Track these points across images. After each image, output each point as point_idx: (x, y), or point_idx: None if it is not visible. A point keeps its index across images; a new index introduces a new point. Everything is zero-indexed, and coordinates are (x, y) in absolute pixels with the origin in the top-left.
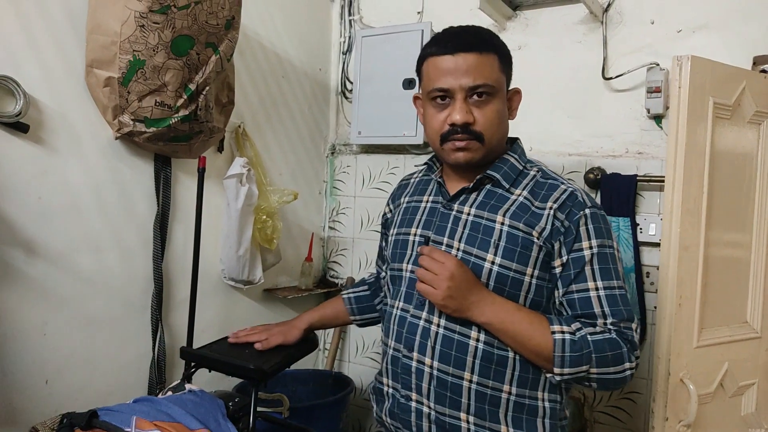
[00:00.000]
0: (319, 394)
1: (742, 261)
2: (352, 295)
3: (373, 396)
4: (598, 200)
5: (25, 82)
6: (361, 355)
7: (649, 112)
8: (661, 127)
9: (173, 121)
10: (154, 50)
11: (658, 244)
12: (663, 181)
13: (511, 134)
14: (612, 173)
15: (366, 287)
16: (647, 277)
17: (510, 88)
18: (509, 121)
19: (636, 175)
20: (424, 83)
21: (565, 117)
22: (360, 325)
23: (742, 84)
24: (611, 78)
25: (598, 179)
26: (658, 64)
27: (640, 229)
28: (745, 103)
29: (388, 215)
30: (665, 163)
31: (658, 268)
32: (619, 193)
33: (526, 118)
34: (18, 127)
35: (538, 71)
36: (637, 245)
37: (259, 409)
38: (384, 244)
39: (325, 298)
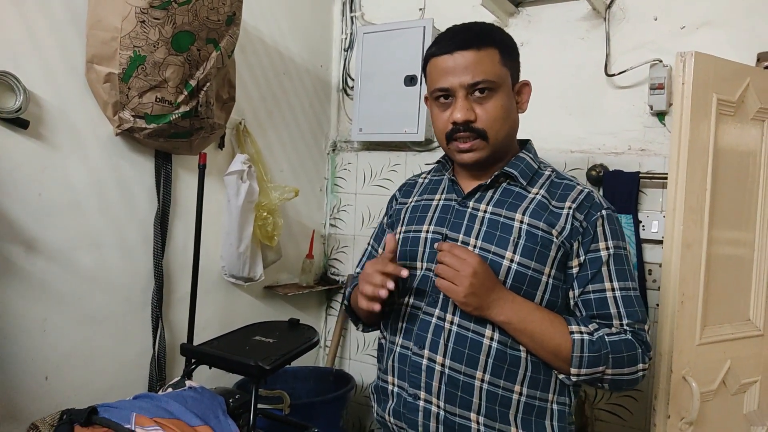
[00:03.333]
0: (319, 391)
1: (745, 259)
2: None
3: (374, 395)
4: None
5: (25, 78)
6: (362, 352)
7: (651, 109)
8: (664, 124)
9: (174, 117)
10: (154, 46)
11: (660, 242)
12: (666, 179)
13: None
14: (614, 170)
15: None
16: (649, 274)
17: (519, 81)
18: (520, 114)
19: (639, 173)
20: (428, 84)
21: (568, 114)
22: (365, 331)
23: (747, 80)
24: (614, 75)
25: (601, 176)
26: (661, 61)
27: (643, 226)
28: (749, 99)
29: (387, 219)
30: (668, 161)
31: (660, 266)
32: (621, 190)
33: (528, 115)
34: (18, 123)
35: (541, 68)
36: (639, 242)
37: (259, 406)
38: (379, 245)
39: (326, 296)
